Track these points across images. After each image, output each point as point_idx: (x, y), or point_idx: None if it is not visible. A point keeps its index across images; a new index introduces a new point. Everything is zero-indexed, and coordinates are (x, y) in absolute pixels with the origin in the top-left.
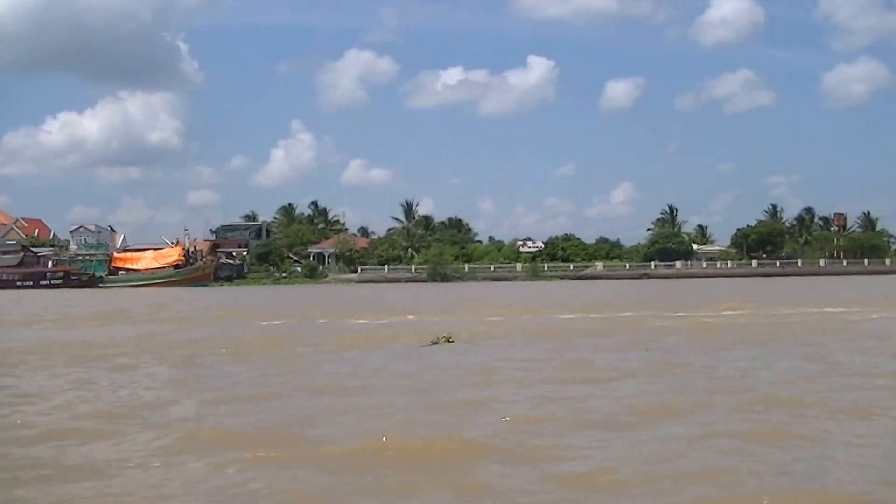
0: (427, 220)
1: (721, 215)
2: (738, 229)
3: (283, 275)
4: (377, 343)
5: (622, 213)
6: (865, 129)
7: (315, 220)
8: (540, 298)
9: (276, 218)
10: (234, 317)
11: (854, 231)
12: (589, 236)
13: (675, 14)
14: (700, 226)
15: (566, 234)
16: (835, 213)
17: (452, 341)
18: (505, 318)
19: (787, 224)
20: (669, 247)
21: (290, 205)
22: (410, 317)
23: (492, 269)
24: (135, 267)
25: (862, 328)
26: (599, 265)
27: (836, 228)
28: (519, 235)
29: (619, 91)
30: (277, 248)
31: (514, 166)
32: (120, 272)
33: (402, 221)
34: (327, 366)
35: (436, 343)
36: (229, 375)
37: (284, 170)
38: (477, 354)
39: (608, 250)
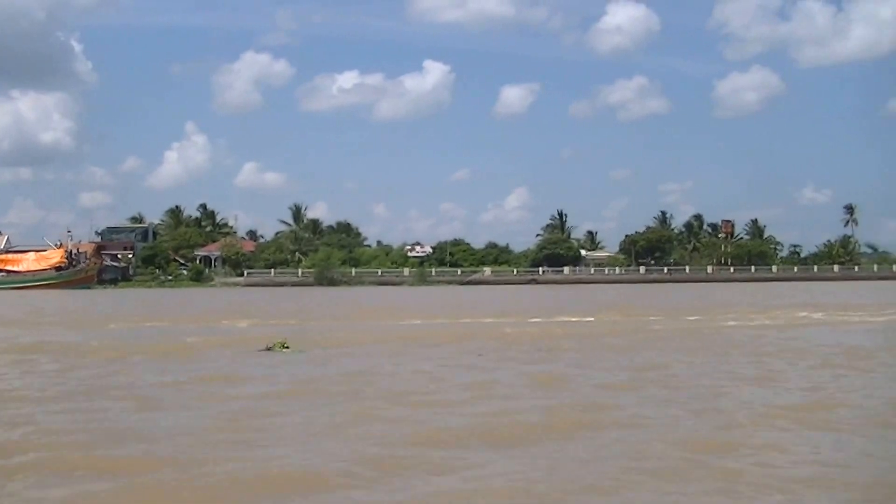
0: (315, 223)
1: (615, 221)
2: (626, 235)
3: (169, 278)
4: (212, 348)
5: (516, 219)
6: (757, 138)
7: (203, 223)
8: (411, 304)
9: (163, 220)
10: (84, 322)
11: (742, 238)
12: (482, 241)
13: (570, 20)
14: (590, 232)
15: (455, 240)
16: (723, 221)
17: (288, 347)
18: (356, 323)
19: (675, 231)
20: (558, 252)
21: (177, 207)
22: (272, 321)
23: (379, 273)
24: (15, 269)
25: (708, 336)
26: (487, 270)
27: (724, 235)
28: (414, 240)
29: (514, 96)
30: (163, 250)
31: (409, 171)
32: (0, 274)
33: (290, 225)
34: (135, 375)
35: (270, 349)
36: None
37: (178, 172)
38: (297, 365)
39: (496, 255)
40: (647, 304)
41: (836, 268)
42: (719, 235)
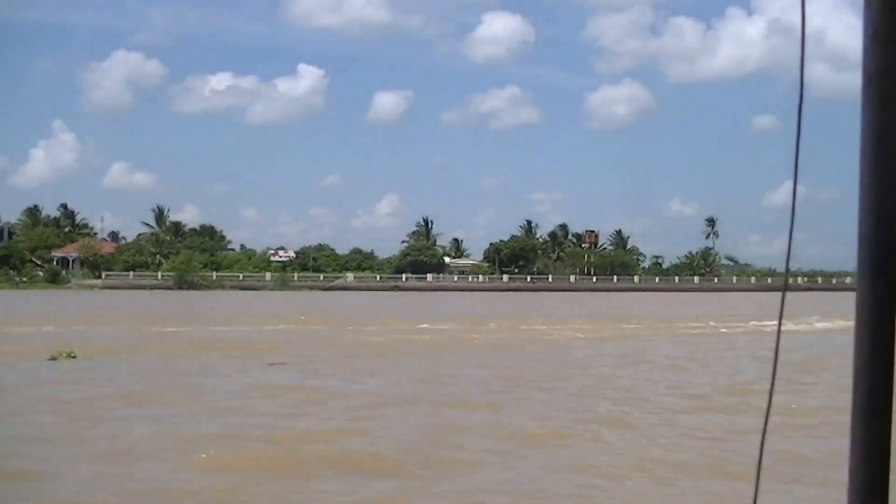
0: (178, 226)
1: (484, 230)
2: (490, 244)
3: (24, 279)
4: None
5: (386, 225)
6: (627, 150)
7: (62, 224)
8: (259, 310)
9: (20, 220)
10: None
11: (605, 249)
12: (353, 247)
13: (445, 29)
14: (456, 239)
15: (319, 245)
16: (586, 231)
17: (75, 356)
18: (163, 330)
19: (540, 240)
20: (422, 259)
21: (35, 206)
22: (78, 327)
23: (240, 277)
24: None
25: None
26: (350, 276)
27: (588, 245)
28: (284, 245)
29: (387, 103)
30: (19, 251)
31: (280, 175)
32: None
33: (152, 227)
34: None
35: (54, 359)
36: None
37: (44, 170)
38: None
39: (360, 262)
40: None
41: (696, 279)
42: (583, 245)
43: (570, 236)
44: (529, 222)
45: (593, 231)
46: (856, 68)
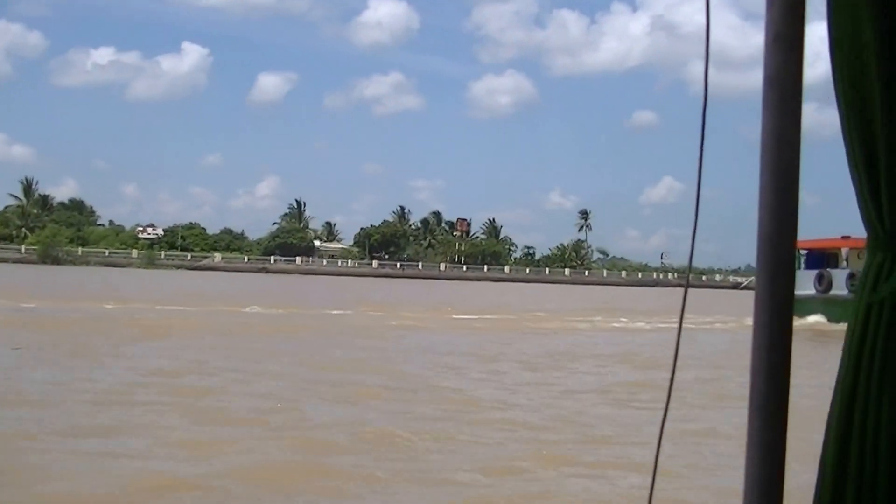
0: (45, 199)
1: (365, 215)
2: (361, 228)
3: None
4: None
5: (266, 207)
6: (508, 140)
7: None
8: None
9: None
10: None
11: (477, 237)
12: (232, 227)
13: (331, 12)
14: (328, 223)
15: (190, 223)
16: (458, 219)
17: None
18: None
19: (413, 226)
20: (291, 242)
21: None
22: None
23: (106, 253)
24: None
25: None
26: (218, 257)
27: (459, 234)
28: (164, 223)
29: (270, 84)
30: None
31: (161, 153)
32: None
33: (19, 199)
34: None
35: None
36: None
37: None
38: None
39: (229, 242)
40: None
41: (567, 271)
42: (454, 233)
43: (443, 224)
44: (403, 208)
45: (465, 219)
46: (736, 68)
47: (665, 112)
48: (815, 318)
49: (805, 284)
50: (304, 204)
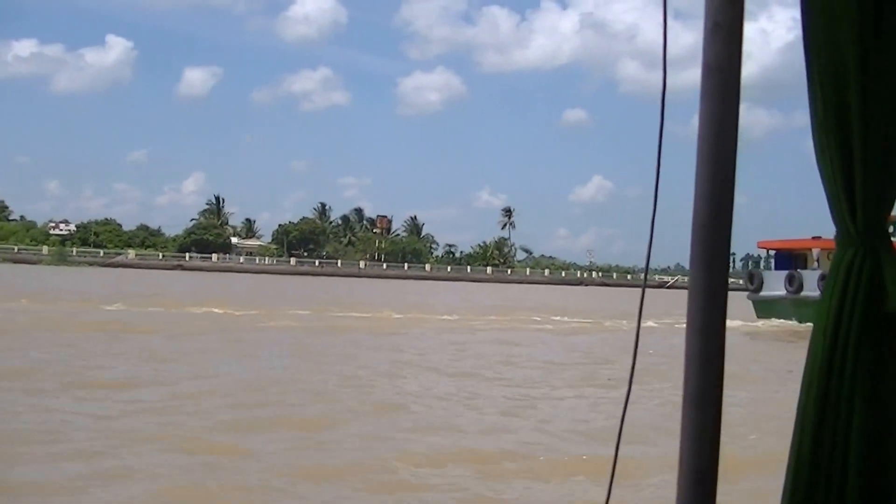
0: None
1: (292, 212)
2: (279, 225)
3: None
4: None
5: (192, 203)
6: (438, 138)
7: None
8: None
9: None
10: None
11: (398, 235)
12: (157, 225)
13: (257, 6)
14: (248, 219)
15: (105, 219)
16: (378, 216)
17: None
18: None
19: (333, 224)
20: (207, 238)
21: None
22: None
23: (15, 250)
24: None
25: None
26: (131, 253)
27: (380, 231)
28: (87, 219)
29: (196, 79)
30: None
31: (85, 148)
32: None
33: None
34: None
35: None
36: None
37: None
38: None
39: (144, 238)
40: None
41: (489, 270)
42: (374, 231)
43: (364, 221)
44: (323, 205)
45: (385, 216)
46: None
47: (595, 110)
48: (780, 321)
49: (775, 285)
50: (223, 200)
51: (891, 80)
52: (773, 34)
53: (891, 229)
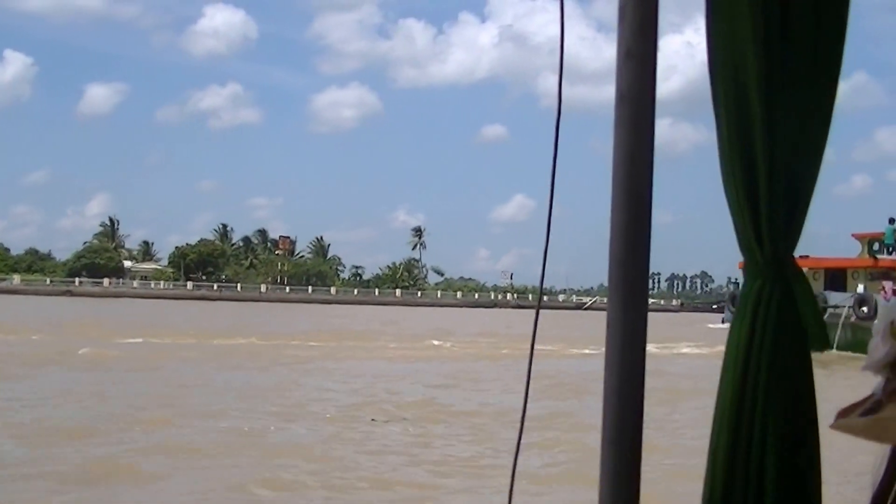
0: None
1: (200, 235)
2: (176, 247)
3: None
4: None
5: (96, 227)
6: (353, 156)
7: None
8: None
9: None
10: None
11: (303, 256)
12: (60, 249)
13: (163, 20)
14: (146, 242)
15: None
16: (281, 237)
17: None
18: None
19: (235, 245)
20: (98, 262)
21: None
22: None
23: None
24: None
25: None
26: (17, 278)
27: (282, 252)
28: None
29: (99, 96)
30: None
31: None
32: None
33: None
34: None
35: None
36: None
37: None
38: None
39: (30, 263)
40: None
41: (398, 292)
42: (276, 252)
43: (268, 243)
44: (225, 226)
45: (288, 237)
46: (589, 81)
47: (515, 126)
48: None
49: None
50: (118, 222)
51: (794, 101)
52: (699, 47)
53: (876, 246)
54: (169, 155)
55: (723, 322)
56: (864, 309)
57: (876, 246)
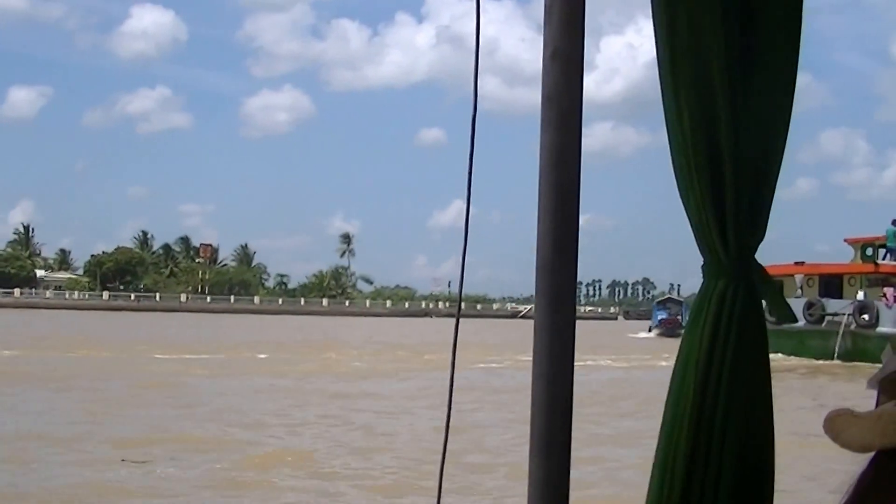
0: None
1: (129, 243)
2: (92, 255)
3: None
4: None
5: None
6: (286, 161)
7: None
8: None
9: None
10: None
11: (226, 265)
12: None
13: (89, 21)
14: (63, 250)
15: None
16: (202, 244)
17: None
18: None
19: (155, 253)
20: (9, 272)
21: None
22: None
23: None
24: None
25: None
26: None
27: (204, 261)
28: None
29: (22, 99)
30: None
31: None
32: None
33: None
34: None
35: None
36: None
37: None
38: None
39: None
40: None
41: (325, 301)
42: (197, 261)
43: (190, 250)
44: (145, 233)
45: (210, 245)
46: (528, 83)
47: (454, 130)
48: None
49: None
50: (33, 229)
51: (758, 91)
52: (641, 48)
53: (869, 251)
54: (97, 160)
55: (649, 330)
56: (866, 316)
57: (870, 251)
